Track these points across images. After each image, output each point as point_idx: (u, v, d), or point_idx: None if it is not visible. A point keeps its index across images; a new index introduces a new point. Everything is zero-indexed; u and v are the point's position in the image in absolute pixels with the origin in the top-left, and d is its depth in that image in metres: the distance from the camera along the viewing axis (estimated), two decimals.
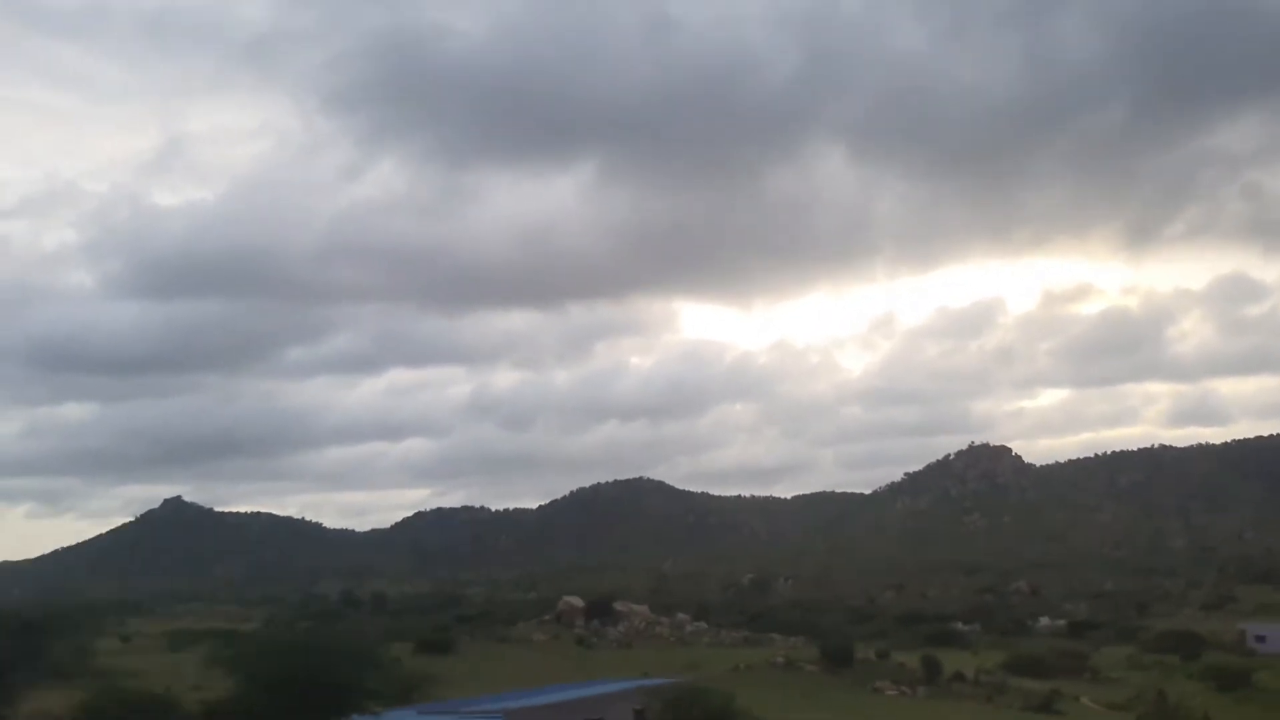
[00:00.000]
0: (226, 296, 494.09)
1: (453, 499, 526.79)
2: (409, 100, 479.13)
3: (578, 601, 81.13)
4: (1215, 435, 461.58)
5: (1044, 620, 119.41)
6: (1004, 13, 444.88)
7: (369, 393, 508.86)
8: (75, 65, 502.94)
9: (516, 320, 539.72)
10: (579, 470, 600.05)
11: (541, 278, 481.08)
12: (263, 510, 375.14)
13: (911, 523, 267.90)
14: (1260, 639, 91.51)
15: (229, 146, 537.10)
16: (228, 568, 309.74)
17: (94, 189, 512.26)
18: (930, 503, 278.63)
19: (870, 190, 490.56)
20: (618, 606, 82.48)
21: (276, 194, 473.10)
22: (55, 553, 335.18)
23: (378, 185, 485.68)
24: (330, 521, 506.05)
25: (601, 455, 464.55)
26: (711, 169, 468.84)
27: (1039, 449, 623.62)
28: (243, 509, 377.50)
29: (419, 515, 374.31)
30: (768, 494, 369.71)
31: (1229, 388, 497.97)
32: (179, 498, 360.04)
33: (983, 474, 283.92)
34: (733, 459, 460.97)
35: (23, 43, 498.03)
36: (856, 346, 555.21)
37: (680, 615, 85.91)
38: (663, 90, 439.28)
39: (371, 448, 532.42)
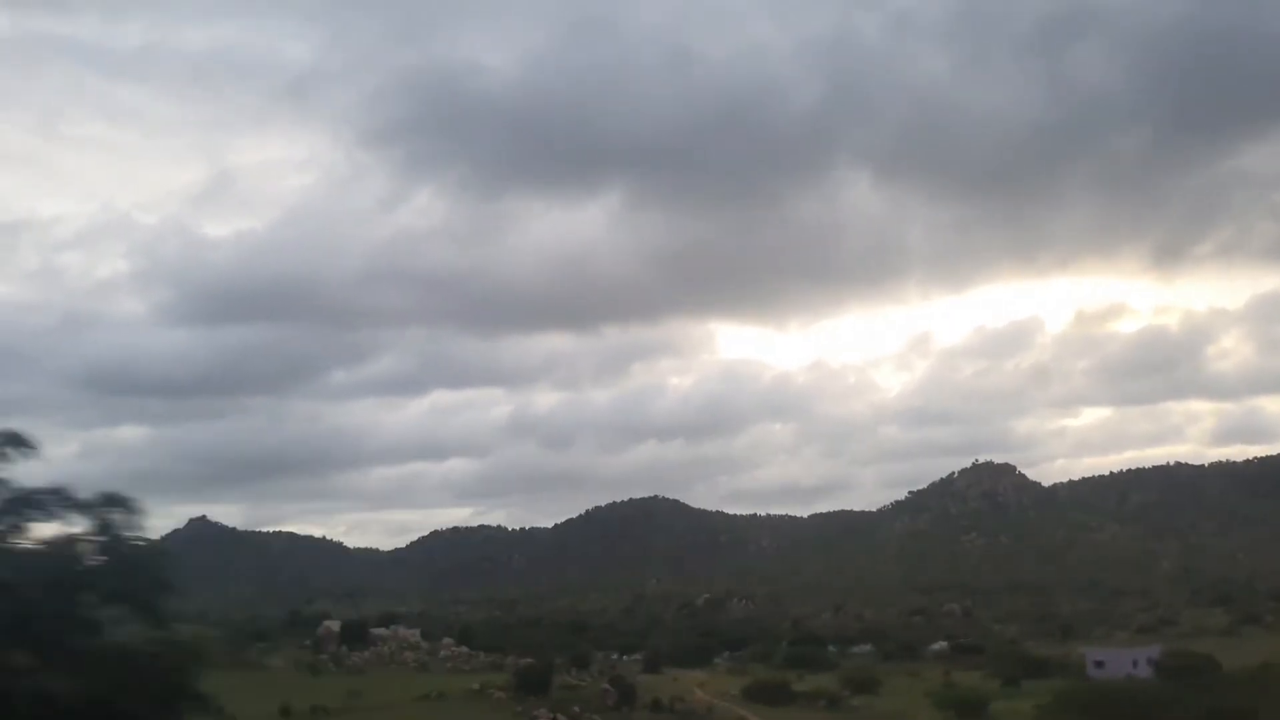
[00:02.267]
0: (273, 322, 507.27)
1: (494, 517, 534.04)
2: (443, 133, 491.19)
3: (334, 625, 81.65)
4: (1259, 453, 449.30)
5: (936, 645, 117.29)
6: (1025, 40, 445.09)
7: (412, 414, 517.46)
8: (131, 103, 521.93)
9: (554, 342, 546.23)
10: (619, 489, 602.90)
11: (576, 301, 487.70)
12: (284, 530, 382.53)
13: (909, 542, 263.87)
14: (1099, 664, 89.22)
15: (273, 179, 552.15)
16: (241, 587, 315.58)
17: (146, 220, 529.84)
18: (930, 521, 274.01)
19: (898, 213, 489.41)
20: (380, 630, 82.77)
21: (320, 224, 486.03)
22: None
23: (416, 214, 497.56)
24: (374, 541, 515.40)
25: (640, 474, 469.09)
26: (738, 195, 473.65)
27: (1083, 467, 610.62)
28: (266, 529, 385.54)
29: (435, 535, 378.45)
30: (784, 513, 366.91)
31: (1275, 406, 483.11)
32: (204, 517, 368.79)
33: (984, 493, 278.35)
34: (772, 478, 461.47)
35: (85, 84, 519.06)
36: (893, 366, 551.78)
37: (445, 639, 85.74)
38: (687, 120, 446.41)
39: (415, 468, 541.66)
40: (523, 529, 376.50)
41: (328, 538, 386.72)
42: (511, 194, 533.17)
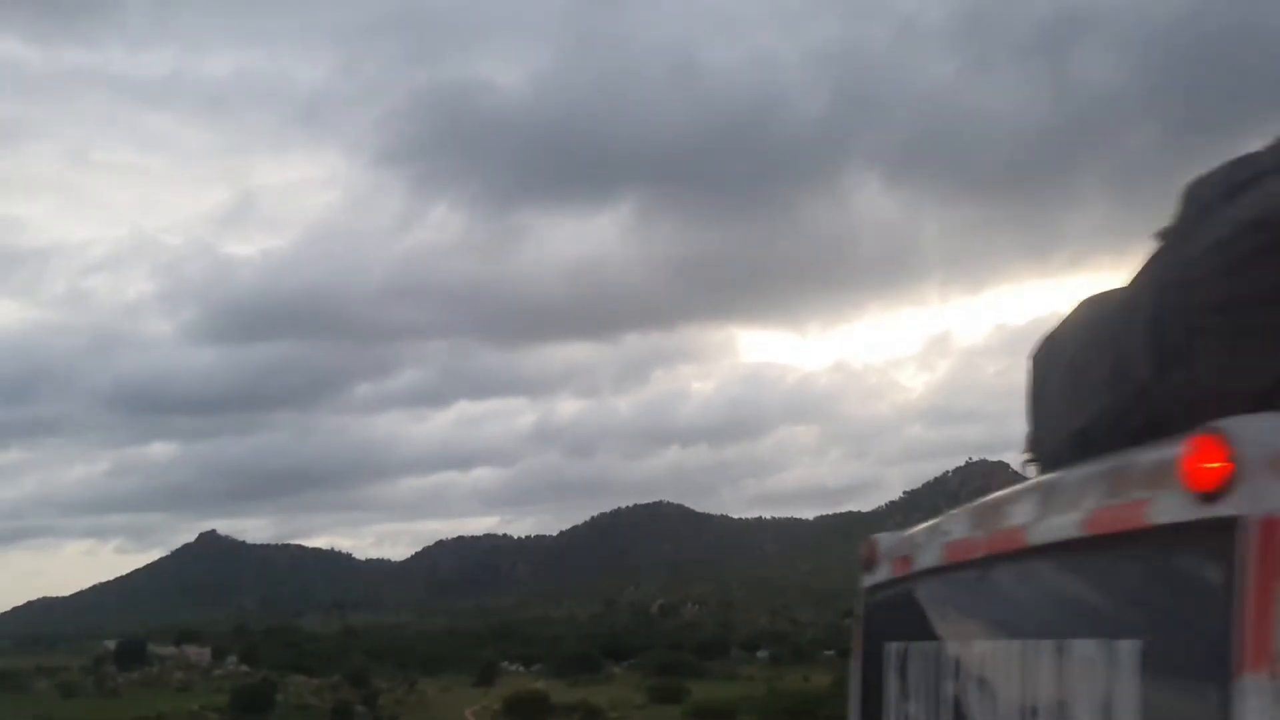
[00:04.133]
0: (297, 338, 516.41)
1: (521, 526, 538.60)
2: (458, 150, 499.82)
3: (110, 644, 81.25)
4: None
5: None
6: (1030, 42, 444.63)
7: (437, 425, 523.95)
8: (158, 130, 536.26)
9: (574, 351, 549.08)
10: (641, 494, 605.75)
11: (594, 310, 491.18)
12: (293, 542, 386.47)
13: None
14: None
15: (295, 199, 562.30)
16: (244, 599, 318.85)
17: (172, 242, 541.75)
18: (921, 521, 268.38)
19: (911, 216, 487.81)
20: (166, 650, 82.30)
21: (341, 241, 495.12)
22: (94, 587, 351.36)
23: (434, 229, 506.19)
24: (401, 551, 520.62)
25: (664, 480, 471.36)
26: (749, 202, 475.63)
27: None
28: (281, 542, 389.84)
29: (440, 544, 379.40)
30: (790, 515, 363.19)
31: None
32: (213, 531, 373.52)
33: (976, 491, 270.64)
34: (797, 481, 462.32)
35: (114, 112, 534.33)
36: (915, 367, 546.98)
37: (230, 658, 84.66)
38: (697, 130, 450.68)
39: (442, 478, 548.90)
40: (528, 537, 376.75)
41: (335, 549, 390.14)
42: (527, 207, 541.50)
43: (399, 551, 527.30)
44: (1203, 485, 1.75)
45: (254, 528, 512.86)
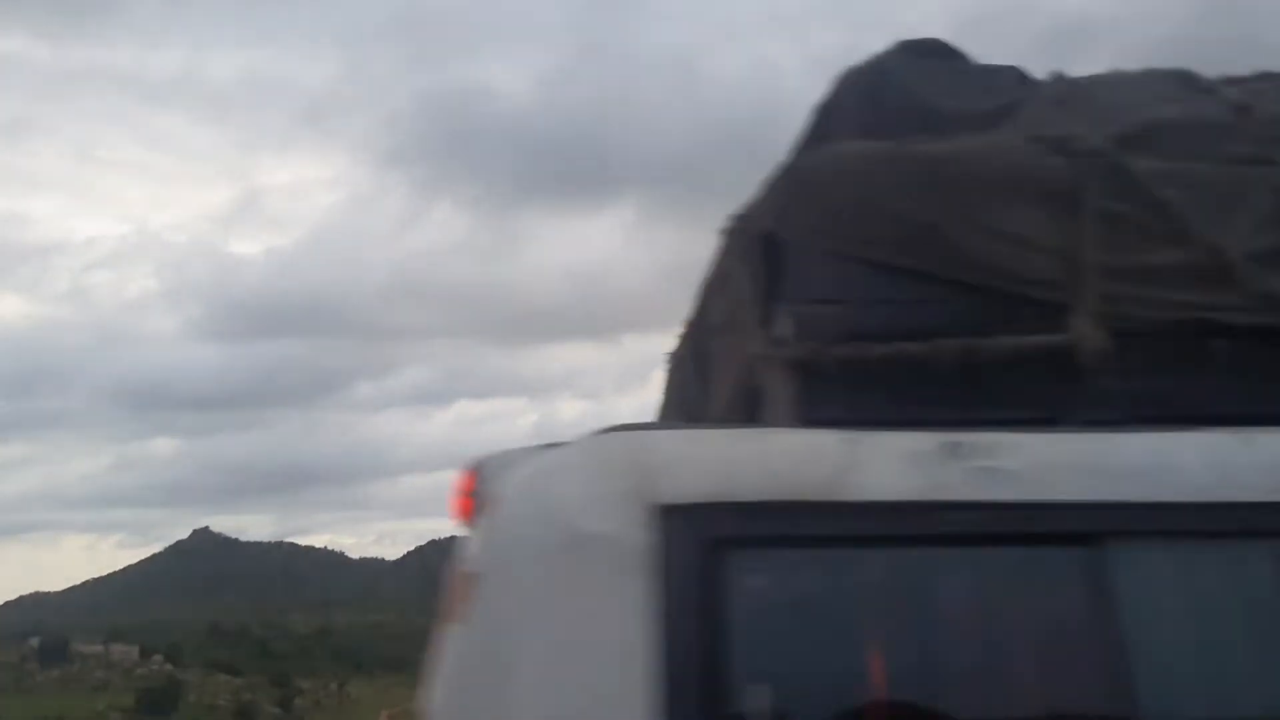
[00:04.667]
0: (300, 336, 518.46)
1: None
2: (462, 153, 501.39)
3: (34, 641, 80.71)
4: None
5: None
6: (1027, 55, 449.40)
7: (438, 425, 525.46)
8: (165, 127, 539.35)
9: (575, 353, 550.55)
10: None
11: (594, 312, 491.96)
12: (287, 540, 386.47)
13: None
14: None
15: (299, 198, 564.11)
16: (235, 596, 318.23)
17: (178, 240, 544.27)
18: None
19: None
20: (92, 648, 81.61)
21: (344, 241, 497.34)
22: (86, 583, 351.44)
23: (437, 231, 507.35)
24: (395, 550, 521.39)
25: None
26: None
27: None
28: (271, 538, 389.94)
29: (433, 544, 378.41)
30: None
31: None
32: (206, 528, 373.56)
33: None
34: None
35: (122, 110, 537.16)
36: None
37: (155, 658, 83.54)
38: (698, 134, 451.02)
39: (443, 477, 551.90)
40: None
41: (330, 547, 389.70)
42: (530, 209, 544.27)
43: (397, 550, 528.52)
44: (462, 519, 1.66)
45: (256, 524, 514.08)
